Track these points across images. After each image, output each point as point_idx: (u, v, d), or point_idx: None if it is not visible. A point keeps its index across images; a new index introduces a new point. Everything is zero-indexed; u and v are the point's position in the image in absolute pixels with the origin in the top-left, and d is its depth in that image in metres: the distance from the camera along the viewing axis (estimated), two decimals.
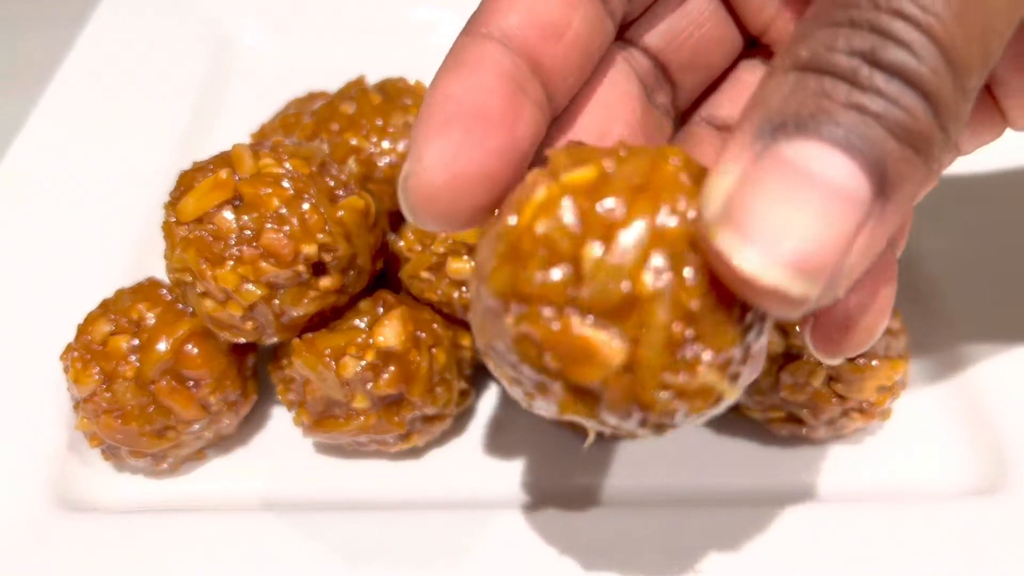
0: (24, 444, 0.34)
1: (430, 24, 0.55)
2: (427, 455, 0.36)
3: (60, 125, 0.47)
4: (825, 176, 0.16)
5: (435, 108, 0.20)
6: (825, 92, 0.17)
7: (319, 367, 0.32)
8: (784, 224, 0.16)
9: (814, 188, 0.16)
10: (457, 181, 0.20)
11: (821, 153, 0.17)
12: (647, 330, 0.18)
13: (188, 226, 0.30)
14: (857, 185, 0.17)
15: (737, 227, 0.17)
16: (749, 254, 0.16)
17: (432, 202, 0.20)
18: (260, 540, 0.32)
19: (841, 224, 0.16)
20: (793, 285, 0.16)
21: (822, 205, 0.16)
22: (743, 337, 0.19)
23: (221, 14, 0.55)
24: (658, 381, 0.18)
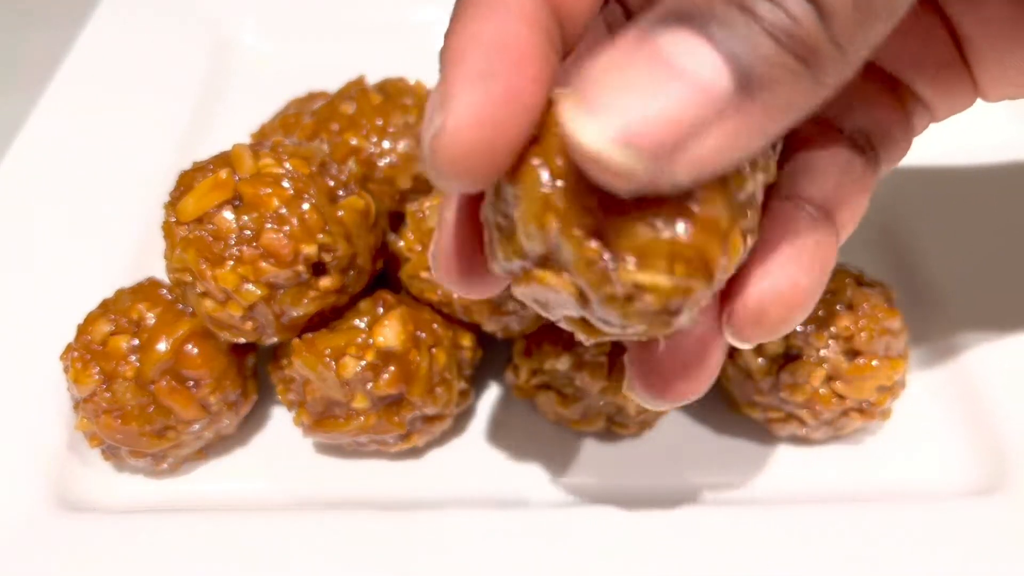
0: (24, 444, 0.34)
1: (430, 24, 0.55)
2: (427, 455, 0.36)
3: (60, 125, 0.47)
4: (683, 64, 0.17)
5: (464, 54, 0.19)
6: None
7: (319, 367, 0.32)
8: (628, 102, 0.17)
9: (668, 72, 0.17)
10: (493, 136, 0.19)
11: (689, 43, 0.17)
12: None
13: (188, 226, 0.30)
14: (714, 76, 0.17)
15: (583, 98, 0.17)
16: (584, 123, 0.17)
17: (466, 159, 0.19)
18: (260, 540, 0.32)
19: (684, 108, 0.17)
20: (617, 156, 0.16)
21: (670, 88, 0.17)
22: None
23: (221, 14, 0.55)
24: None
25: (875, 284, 0.33)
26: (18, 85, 0.52)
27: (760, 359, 0.33)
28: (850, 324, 0.32)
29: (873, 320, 0.32)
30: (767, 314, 0.22)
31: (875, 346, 0.32)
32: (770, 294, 0.22)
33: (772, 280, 0.22)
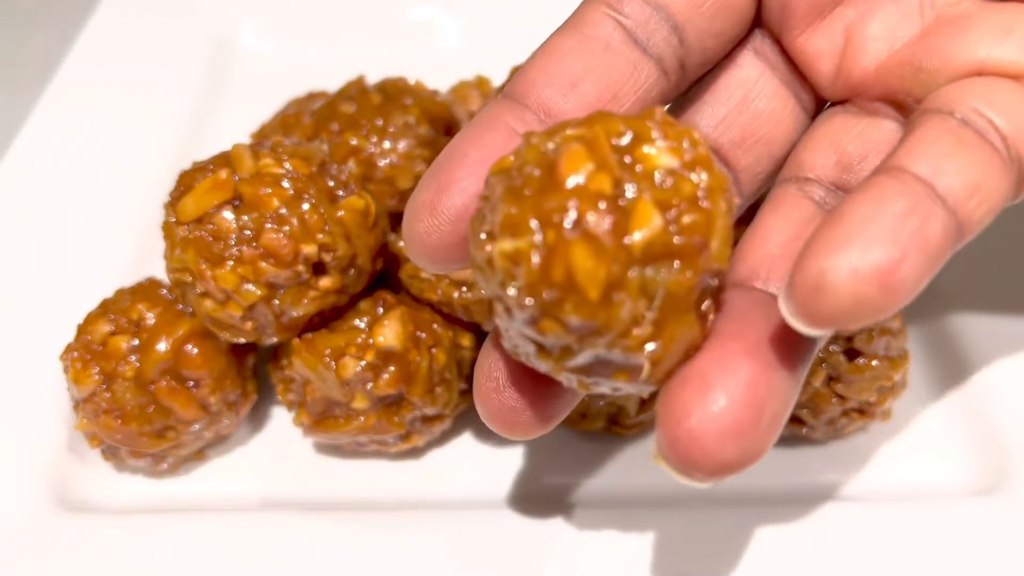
0: (24, 444, 0.34)
1: (430, 24, 0.55)
2: (427, 455, 0.36)
3: (60, 125, 0.47)
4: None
5: (442, 160, 0.22)
6: None
7: (319, 367, 0.32)
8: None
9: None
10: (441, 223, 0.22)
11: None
12: None
13: (188, 226, 0.30)
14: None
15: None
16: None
17: (420, 241, 0.22)
18: (260, 540, 0.32)
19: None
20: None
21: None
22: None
23: (221, 14, 0.55)
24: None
25: None
26: (18, 85, 0.52)
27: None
28: None
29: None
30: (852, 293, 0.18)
31: (875, 346, 0.32)
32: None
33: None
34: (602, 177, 0.19)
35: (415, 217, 0.22)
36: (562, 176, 0.19)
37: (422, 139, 0.38)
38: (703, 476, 0.19)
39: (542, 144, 0.20)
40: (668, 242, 0.19)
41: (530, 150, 0.20)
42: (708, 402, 0.18)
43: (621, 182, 0.19)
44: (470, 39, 0.54)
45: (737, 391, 0.18)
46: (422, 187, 0.22)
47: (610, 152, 0.19)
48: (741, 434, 0.18)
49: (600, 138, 0.19)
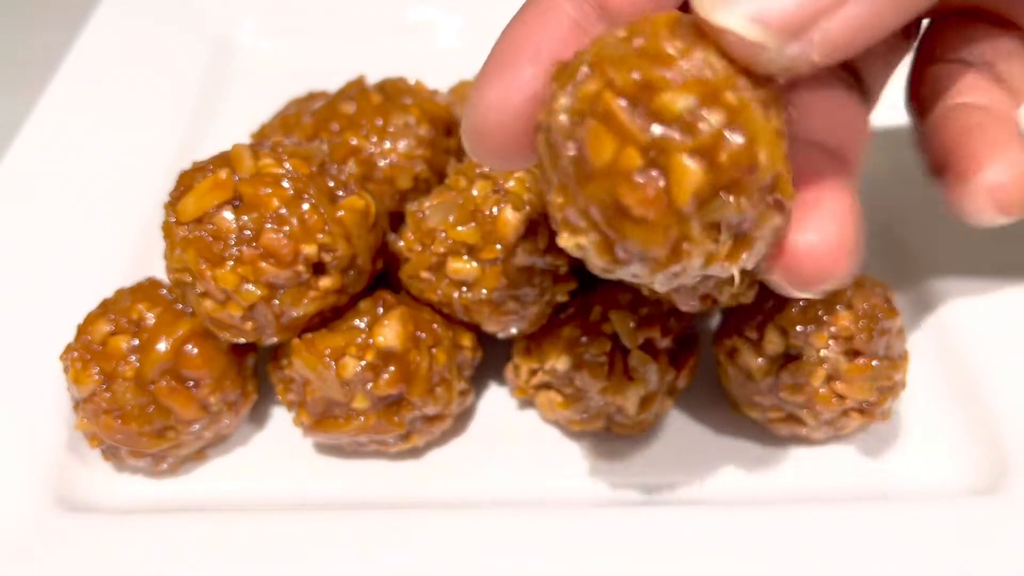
0: (24, 444, 0.34)
1: (430, 24, 0.55)
2: (427, 455, 0.36)
3: (60, 125, 0.47)
4: None
5: (498, 49, 0.22)
6: None
7: (319, 367, 0.32)
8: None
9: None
10: (505, 119, 0.22)
11: None
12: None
13: (188, 226, 0.30)
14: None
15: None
16: (720, 6, 0.19)
17: (486, 140, 0.22)
18: (260, 540, 0.32)
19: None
20: (754, 33, 0.18)
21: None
22: None
23: (221, 14, 0.55)
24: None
25: (875, 284, 0.33)
26: (18, 85, 0.52)
27: (760, 359, 0.33)
28: (850, 324, 0.32)
29: (873, 320, 0.32)
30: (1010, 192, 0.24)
31: (875, 346, 0.32)
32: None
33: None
34: (630, 153, 0.19)
35: (480, 115, 0.22)
36: (593, 165, 0.19)
37: (422, 139, 0.38)
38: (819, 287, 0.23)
39: (568, 107, 0.20)
40: (715, 183, 0.19)
41: (553, 115, 0.20)
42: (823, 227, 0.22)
43: (648, 146, 0.19)
44: (470, 39, 0.53)
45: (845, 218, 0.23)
46: (485, 83, 0.22)
47: (627, 118, 0.19)
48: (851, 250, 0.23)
49: (612, 108, 0.19)
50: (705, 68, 0.19)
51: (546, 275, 0.33)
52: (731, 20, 0.18)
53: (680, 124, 0.19)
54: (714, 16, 0.19)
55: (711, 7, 0.19)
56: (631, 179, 0.19)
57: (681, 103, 0.19)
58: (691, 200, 0.19)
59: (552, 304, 0.34)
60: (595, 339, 0.33)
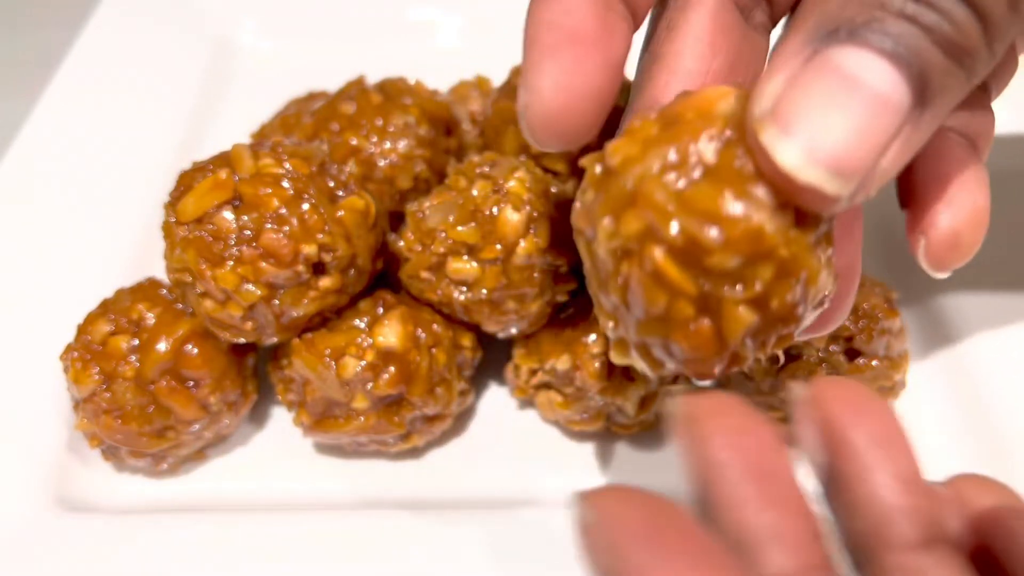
0: (24, 444, 0.34)
1: (430, 24, 0.55)
2: (427, 455, 0.36)
3: (60, 125, 0.47)
4: (868, 82, 0.17)
5: (537, 36, 0.22)
6: (879, 1, 0.18)
7: (319, 367, 0.32)
8: (825, 125, 0.17)
9: (857, 92, 0.17)
10: (570, 100, 0.21)
11: (867, 60, 0.18)
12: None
13: (188, 226, 0.30)
14: (898, 93, 0.17)
15: (781, 124, 0.18)
16: (790, 150, 0.17)
17: (552, 123, 0.22)
18: (260, 540, 0.32)
19: (878, 128, 0.17)
20: (828, 183, 0.17)
21: (863, 109, 0.17)
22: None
23: (221, 14, 0.55)
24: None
25: (875, 284, 0.33)
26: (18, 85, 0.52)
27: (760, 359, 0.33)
28: (850, 324, 0.32)
29: (873, 320, 0.32)
30: (962, 237, 0.24)
31: (875, 346, 0.32)
32: (960, 219, 0.24)
33: (957, 207, 0.24)
34: (683, 307, 0.19)
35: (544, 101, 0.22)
36: (646, 310, 0.19)
37: (422, 139, 0.38)
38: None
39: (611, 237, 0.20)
40: (766, 320, 0.19)
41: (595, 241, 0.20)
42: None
43: (700, 298, 0.19)
44: (470, 39, 0.54)
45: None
46: (537, 68, 0.22)
47: (677, 274, 0.19)
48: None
49: (660, 265, 0.19)
50: (754, 211, 0.18)
51: (546, 275, 0.33)
52: (798, 162, 0.17)
53: (732, 278, 0.19)
54: (780, 157, 0.18)
55: (772, 140, 0.18)
56: (685, 327, 0.19)
57: (732, 263, 0.18)
58: (742, 336, 0.19)
59: (552, 304, 0.34)
60: (595, 339, 0.33)
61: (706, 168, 0.19)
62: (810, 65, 0.18)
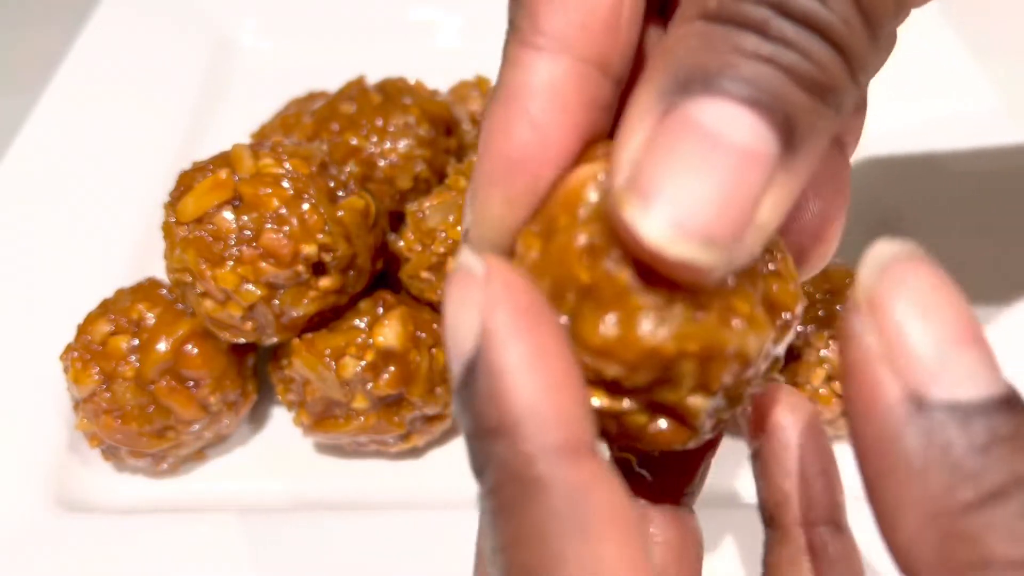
0: (24, 444, 0.34)
1: (430, 24, 0.55)
2: (427, 455, 0.36)
3: (60, 125, 0.47)
4: (730, 136, 0.16)
5: (485, 163, 0.20)
6: (733, 44, 0.16)
7: (319, 367, 0.32)
8: (689, 190, 0.16)
9: (718, 149, 0.16)
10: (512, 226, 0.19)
11: (726, 111, 0.16)
12: None
13: (188, 226, 0.30)
14: (764, 142, 0.16)
15: (641, 195, 0.16)
16: (654, 224, 0.16)
17: (493, 248, 0.20)
18: (260, 540, 0.32)
19: (747, 185, 0.16)
20: (701, 254, 0.16)
21: (727, 167, 0.16)
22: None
23: (221, 14, 0.55)
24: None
25: None
26: (18, 85, 0.52)
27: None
28: None
29: None
30: (809, 255, 0.23)
31: None
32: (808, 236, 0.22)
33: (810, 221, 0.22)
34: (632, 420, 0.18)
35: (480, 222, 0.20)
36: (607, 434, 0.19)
37: (422, 139, 0.38)
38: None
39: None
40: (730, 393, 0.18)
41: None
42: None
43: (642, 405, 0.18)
44: (470, 39, 0.54)
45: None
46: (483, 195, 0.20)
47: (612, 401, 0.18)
48: None
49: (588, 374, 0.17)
50: (641, 324, 0.17)
51: None
52: (664, 236, 0.16)
53: (661, 384, 0.17)
54: (643, 233, 0.16)
55: (633, 217, 0.16)
56: (647, 435, 0.18)
57: (647, 378, 0.17)
58: (707, 417, 0.18)
59: None
60: None
61: (581, 290, 0.17)
62: (666, 123, 0.16)
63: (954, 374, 0.15)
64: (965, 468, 0.15)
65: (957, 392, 0.15)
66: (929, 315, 0.16)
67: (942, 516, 0.15)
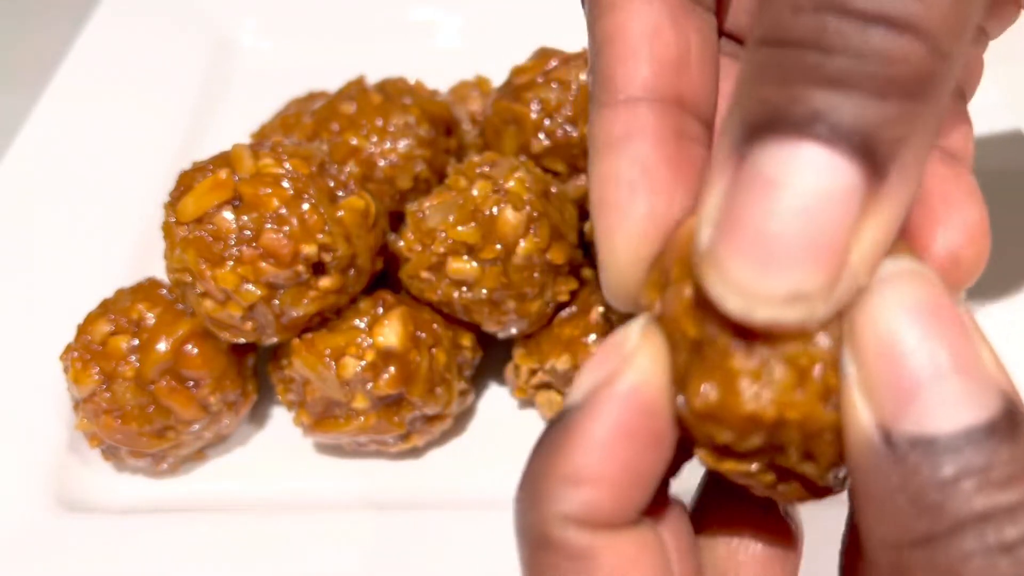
0: (24, 444, 0.34)
1: (430, 24, 0.55)
2: (427, 455, 0.36)
3: (60, 125, 0.47)
4: (804, 182, 0.14)
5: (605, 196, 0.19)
6: (793, 69, 0.15)
7: (319, 367, 0.32)
8: (763, 251, 0.15)
9: (795, 199, 0.14)
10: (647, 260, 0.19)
11: (793, 154, 0.14)
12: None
13: (188, 226, 0.30)
14: (841, 176, 0.14)
15: (716, 264, 0.15)
16: (731, 294, 0.15)
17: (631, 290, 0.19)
18: (260, 540, 0.32)
19: (828, 230, 0.15)
20: (787, 313, 0.15)
21: (806, 218, 0.14)
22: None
23: (221, 14, 0.55)
24: None
25: None
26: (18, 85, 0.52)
27: None
28: None
29: None
30: (962, 258, 0.21)
31: None
32: (955, 240, 0.21)
33: (950, 228, 0.21)
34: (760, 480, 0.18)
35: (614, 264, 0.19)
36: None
37: (422, 139, 0.38)
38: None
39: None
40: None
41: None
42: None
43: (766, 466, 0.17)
44: (470, 39, 0.54)
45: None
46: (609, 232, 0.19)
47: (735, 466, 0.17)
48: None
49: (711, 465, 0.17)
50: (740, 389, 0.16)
51: (546, 275, 0.33)
52: (731, 305, 0.15)
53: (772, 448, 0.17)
54: (755, 318, 0.15)
55: (746, 309, 0.15)
56: (776, 490, 0.18)
57: (756, 441, 0.16)
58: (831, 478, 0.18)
59: (552, 304, 0.34)
60: (595, 338, 0.33)
61: (691, 345, 0.17)
62: (739, 178, 0.15)
63: (922, 407, 0.14)
64: (925, 502, 0.14)
65: (924, 426, 0.14)
66: (900, 347, 0.15)
67: (896, 548, 0.15)
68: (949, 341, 0.15)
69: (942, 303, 0.15)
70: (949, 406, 0.14)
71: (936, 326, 0.15)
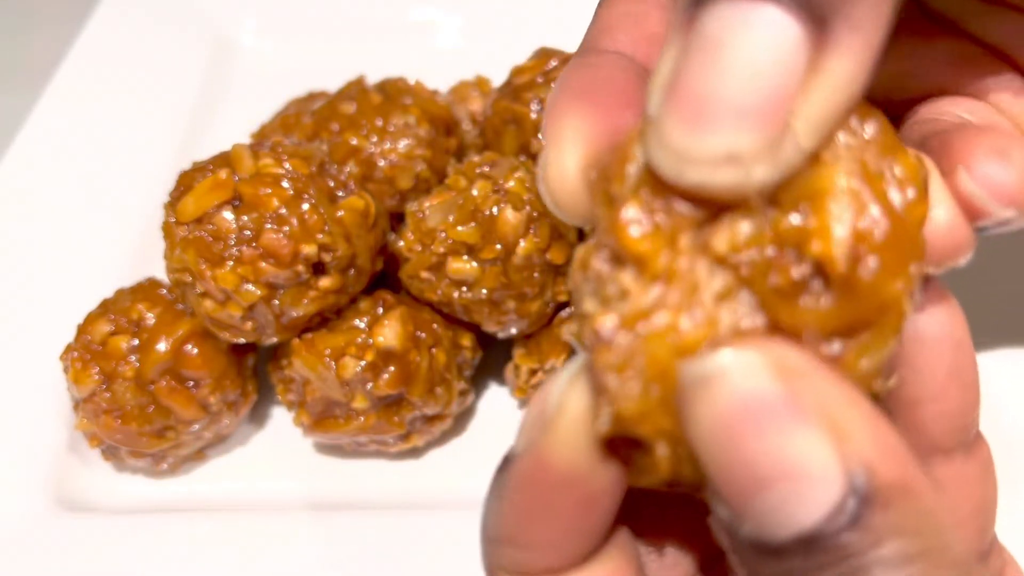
0: (24, 444, 0.34)
1: (430, 24, 0.55)
2: (427, 455, 0.36)
3: (60, 125, 0.47)
4: (744, 39, 0.14)
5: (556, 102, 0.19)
6: None
7: (319, 367, 0.32)
8: (696, 109, 0.14)
9: (735, 57, 0.14)
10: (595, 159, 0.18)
11: (738, 10, 0.14)
12: None
13: (188, 226, 0.30)
14: (784, 33, 0.14)
15: (658, 131, 0.15)
16: (663, 155, 0.15)
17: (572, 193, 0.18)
18: (260, 540, 0.32)
19: (768, 91, 0.14)
20: (718, 177, 0.14)
21: (745, 76, 0.14)
22: None
23: (221, 14, 0.55)
24: None
25: None
26: (18, 85, 0.52)
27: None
28: None
29: None
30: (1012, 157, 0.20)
31: None
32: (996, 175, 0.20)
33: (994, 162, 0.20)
34: None
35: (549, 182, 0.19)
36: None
37: (422, 139, 0.38)
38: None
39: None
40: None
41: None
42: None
43: None
44: (470, 39, 0.54)
45: None
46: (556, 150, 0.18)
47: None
48: None
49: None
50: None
51: (546, 275, 0.33)
52: (660, 161, 0.15)
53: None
54: (684, 180, 0.15)
55: (676, 169, 0.15)
56: None
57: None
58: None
59: (552, 304, 0.34)
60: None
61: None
62: (688, 41, 0.15)
63: (758, 511, 0.14)
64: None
65: (758, 530, 0.14)
66: (743, 444, 0.14)
67: None
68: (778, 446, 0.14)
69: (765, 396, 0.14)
70: (777, 515, 0.14)
71: (772, 430, 0.14)
